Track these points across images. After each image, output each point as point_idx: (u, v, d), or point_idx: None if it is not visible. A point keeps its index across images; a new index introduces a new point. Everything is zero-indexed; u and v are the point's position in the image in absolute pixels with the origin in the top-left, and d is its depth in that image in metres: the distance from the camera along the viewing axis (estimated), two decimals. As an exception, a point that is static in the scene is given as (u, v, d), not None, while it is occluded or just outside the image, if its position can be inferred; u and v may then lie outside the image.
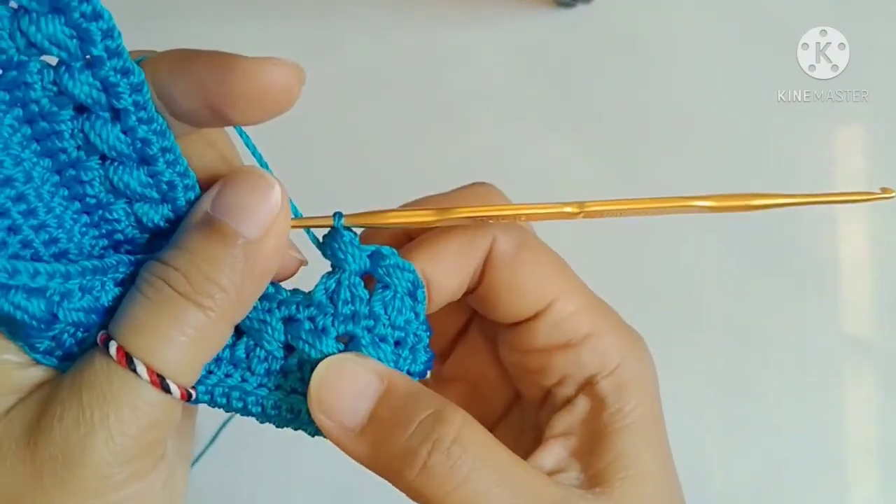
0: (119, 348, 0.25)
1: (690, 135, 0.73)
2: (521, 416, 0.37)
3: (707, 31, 0.75)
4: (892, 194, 0.30)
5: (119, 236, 0.29)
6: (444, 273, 0.32)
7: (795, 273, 0.71)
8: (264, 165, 0.30)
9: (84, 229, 0.28)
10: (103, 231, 0.28)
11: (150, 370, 0.25)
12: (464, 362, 0.39)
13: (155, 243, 0.29)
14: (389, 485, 0.29)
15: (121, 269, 0.28)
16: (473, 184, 0.36)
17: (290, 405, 0.30)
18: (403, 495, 0.29)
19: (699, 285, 0.70)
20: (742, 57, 0.74)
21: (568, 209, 0.29)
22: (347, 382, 0.29)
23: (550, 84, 0.75)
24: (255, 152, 0.31)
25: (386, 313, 0.30)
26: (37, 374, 0.27)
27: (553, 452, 0.32)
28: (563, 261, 0.34)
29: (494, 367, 0.37)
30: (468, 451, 0.28)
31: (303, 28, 0.76)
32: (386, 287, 0.30)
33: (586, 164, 0.73)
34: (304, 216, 0.30)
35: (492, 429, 0.36)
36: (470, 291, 0.34)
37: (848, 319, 0.70)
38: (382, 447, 0.28)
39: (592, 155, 0.73)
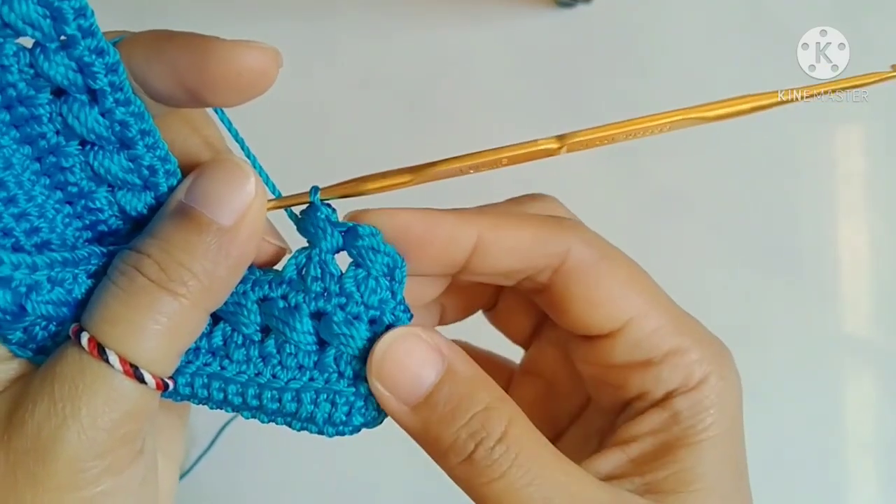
0: (91, 339, 0.25)
1: (690, 135, 0.72)
2: (592, 419, 0.36)
3: (707, 31, 0.75)
4: None
5: (103, 227, 0.28)
6: (500, 249, 0.31)
7: (795, 273, 0.71)
8: (243, 146, 0.30)
9: (67, 220, 0.28)
10: (87, 222, 0.28)
11: (122, 360, 0.25)
12: (538, 361, 0.38)
13: (138, 235, 0.28)
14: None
15: (93, 261, 0.27)
16: (531, 194, 0.35)
17: (271, 395, 0.29)
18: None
19: (699, 285, 0.70)
20: (742, 57, 0.74)
21: (551, 145, 0.29)
22: (411, 357, 0.29)
23: (550, 84, 0.75)
24: (235, 135, 0.30)
25: (359, 291, 0.30)
26: (13, 368, 0.26)
27: (612, 458, 0.32)
28: (644, 272, 0.33)
29: (565, 371, 0.37)
30: (510, 450, 0.28)
31: (303, 28, 0.76)
32: (359, 265, 0.30)
33: (586, 164, 0.73)
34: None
35: (564, 430, 0.36)
36: (536, 292, 0.33)
37: (848, 319, 0.70)
38: (433, 430, 0.29)
39: (592, 154, 0.72)
